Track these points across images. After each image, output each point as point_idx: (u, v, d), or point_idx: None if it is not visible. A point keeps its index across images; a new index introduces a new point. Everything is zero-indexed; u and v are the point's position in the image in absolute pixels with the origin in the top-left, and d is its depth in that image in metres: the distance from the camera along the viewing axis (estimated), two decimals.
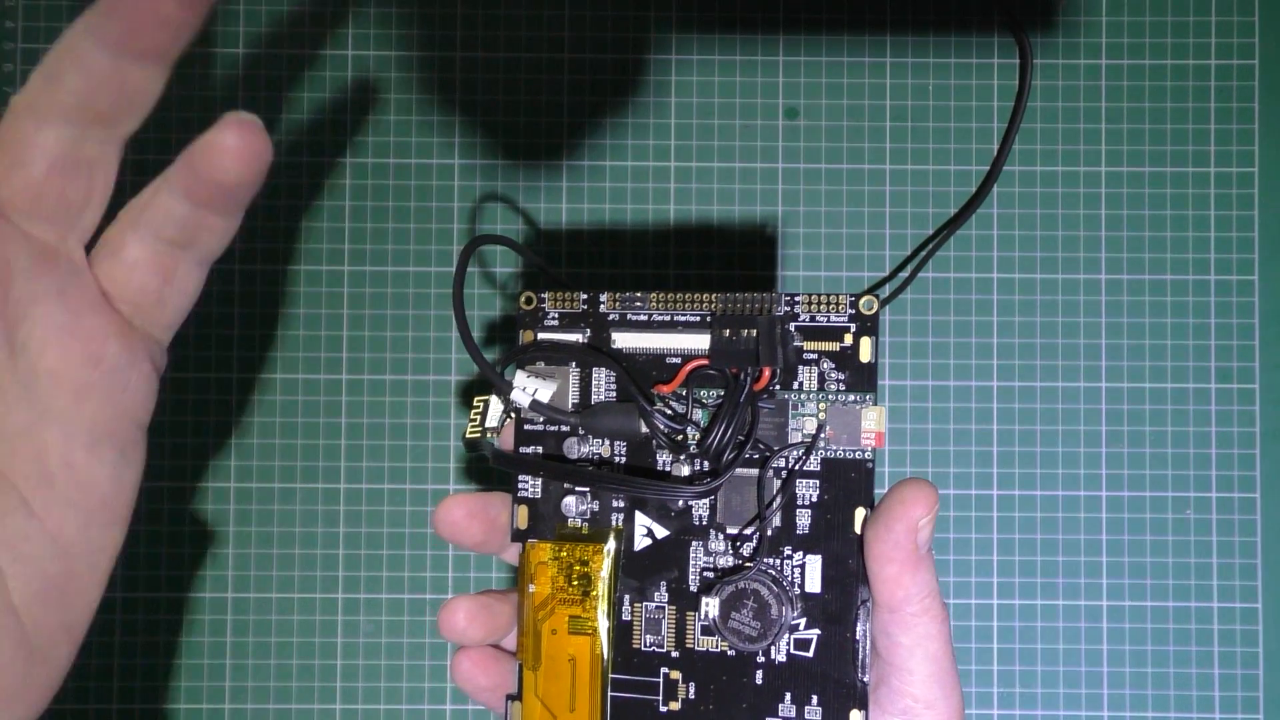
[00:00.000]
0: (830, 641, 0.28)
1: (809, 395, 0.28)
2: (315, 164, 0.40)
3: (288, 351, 0.40)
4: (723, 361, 0.28)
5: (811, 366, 0.28)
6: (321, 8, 0.40)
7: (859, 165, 0.40)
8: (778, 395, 0.28)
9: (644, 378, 0.29)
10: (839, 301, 0.28)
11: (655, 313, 0.29)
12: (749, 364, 0.28)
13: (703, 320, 0.29)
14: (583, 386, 0.29)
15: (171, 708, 0.39)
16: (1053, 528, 0.39)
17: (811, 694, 0.27)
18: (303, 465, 0.40)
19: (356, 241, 0.40)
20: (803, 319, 0.28)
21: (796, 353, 0.28)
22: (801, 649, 0.28)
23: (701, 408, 0.29)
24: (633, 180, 0.40)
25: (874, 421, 0.28)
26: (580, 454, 0.29)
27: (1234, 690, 0.39)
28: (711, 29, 0.40)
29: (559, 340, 0.30)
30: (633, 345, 0.29)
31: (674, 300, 0.29)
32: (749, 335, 0.28)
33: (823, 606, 0.28)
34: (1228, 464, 0.39)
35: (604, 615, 0.28)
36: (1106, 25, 0.40)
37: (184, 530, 0.40)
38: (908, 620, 0.27)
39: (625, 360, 0.29)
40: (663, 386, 0.29)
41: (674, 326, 0.29)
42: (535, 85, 0.40)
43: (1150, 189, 0.39)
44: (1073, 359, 0.39)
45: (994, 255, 0.40)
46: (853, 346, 0.28)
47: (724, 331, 0.28)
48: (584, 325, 0.30)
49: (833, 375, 0.28)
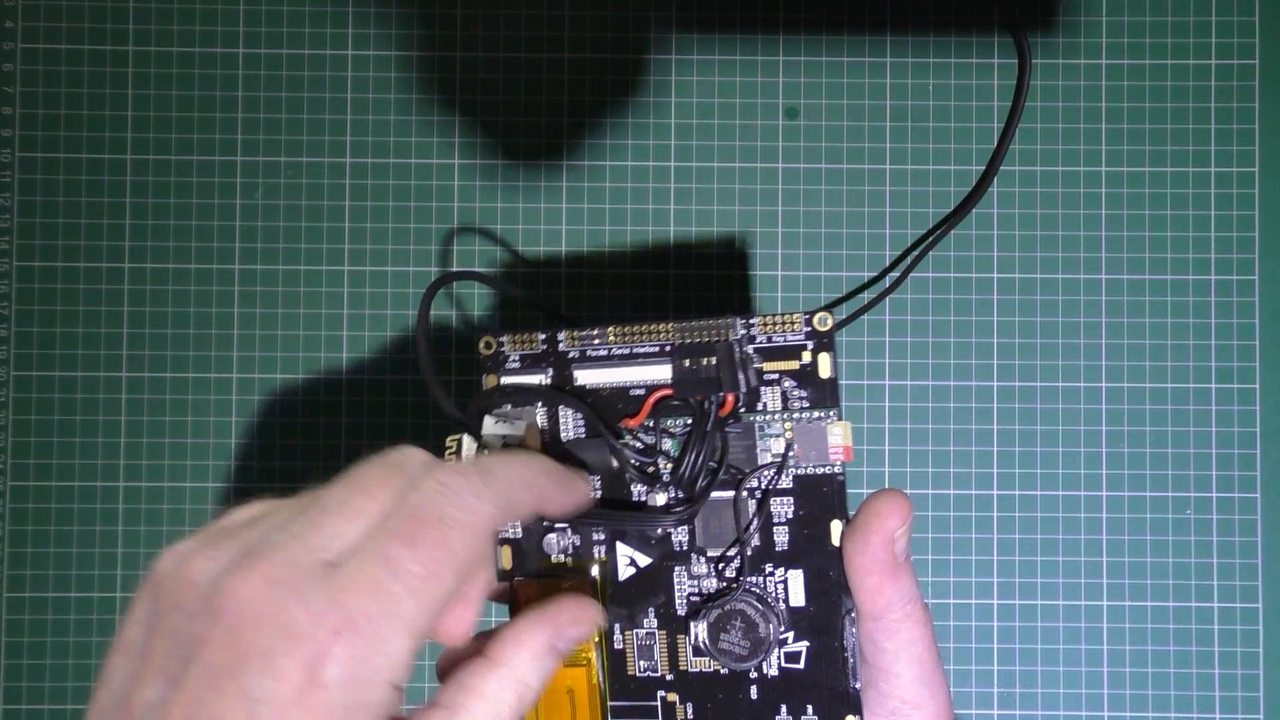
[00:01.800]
0: (819, 652, 0.28)
1: (774, 416, 0.29)
2: (315, 164, 0.40)
3: (288, 351, 0.40)
4: (686, 391, 0.28)
5: (774, 387, 0.29)
6: (321, 8, 0.40)
7: (859, 165, 0.40)
8: (744, 418, 0.29)
9: (611, 412, 0.29)
10: (794, 320, 0.28)
11: (614, 347, 0.29)
12: (712, 391, 0.28)
13: (662, 350, 0.29)
14: (551, 426, 0.30)
15: None
16: (1053, 528, 0.39)
17: (806, 704, 0.28)
18: (302, 465, 0.40)
19: (356, 241, 0.40)
20: (760, 341, 0.29)
21: (758, 374, 0.29)
22: (793, 661, 0.28)
23: (670, 437, 0.29)
24: (633, 180, 0.40)
25: (840, 436, 0.28)
26: None
27: (1234, 690, 0.39)
28: (711, 29, 0.40)
29: (521, 384, 0.30)
30: (595, 381, 0.30)
31: (631, 333, 0.29)
32: (709, 363, 0.28)
33: (809, 619, 0.28)
34: (1228, 464, 0.39)
35: (597, 645, 0.29)
36: (1106, 25, 0.40)
37: (184, 531, 0.40)
38: (891, 626, 0.27)
39: (590, 396, 0.30)
40: (629, 420, 0.29)
41: (634, 359, 0.29)
42: (535, 85, 0.40)
43: (1150, 189, 0.39)
44: (1073, 359, 0.39)
45: (994, 255, 0.40)
46: (812, 364, 0.28)
47: (684, 361, 0.28)
48: (545, 365, 0.30)
49: (795, 394, 0.28)
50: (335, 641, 0.21)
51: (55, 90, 0.40)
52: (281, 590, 0.21)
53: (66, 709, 0.39)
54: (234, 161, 0.40)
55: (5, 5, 0.40)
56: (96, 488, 0.40)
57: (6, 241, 0.40)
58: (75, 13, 0.40)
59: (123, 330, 0.40)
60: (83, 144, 0.40)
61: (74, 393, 0.40)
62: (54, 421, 0.40)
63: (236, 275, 0.40)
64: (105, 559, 0.39)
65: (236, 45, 0.40)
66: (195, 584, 0.22)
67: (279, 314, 0.40)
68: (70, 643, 0.39)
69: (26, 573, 0.39)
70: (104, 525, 0.39)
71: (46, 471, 0.40)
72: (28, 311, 0.40)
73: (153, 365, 0.40)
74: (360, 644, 0.21)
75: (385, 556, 0.22)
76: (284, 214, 0.40)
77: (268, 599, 0.21)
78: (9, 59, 0.40)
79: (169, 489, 0.40)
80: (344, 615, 0.21)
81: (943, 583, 0.39)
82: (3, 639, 0.39)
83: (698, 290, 0.40)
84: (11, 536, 0.39)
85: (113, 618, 0.39)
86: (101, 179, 0.40)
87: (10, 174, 0.40)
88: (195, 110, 0.40)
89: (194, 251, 0.40)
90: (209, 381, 0.40)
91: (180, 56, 0.40)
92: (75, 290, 0.40)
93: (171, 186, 0.40)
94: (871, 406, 0.39)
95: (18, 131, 0.40)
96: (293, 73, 0.40)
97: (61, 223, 0.40)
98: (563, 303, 0.40)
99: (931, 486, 0.39)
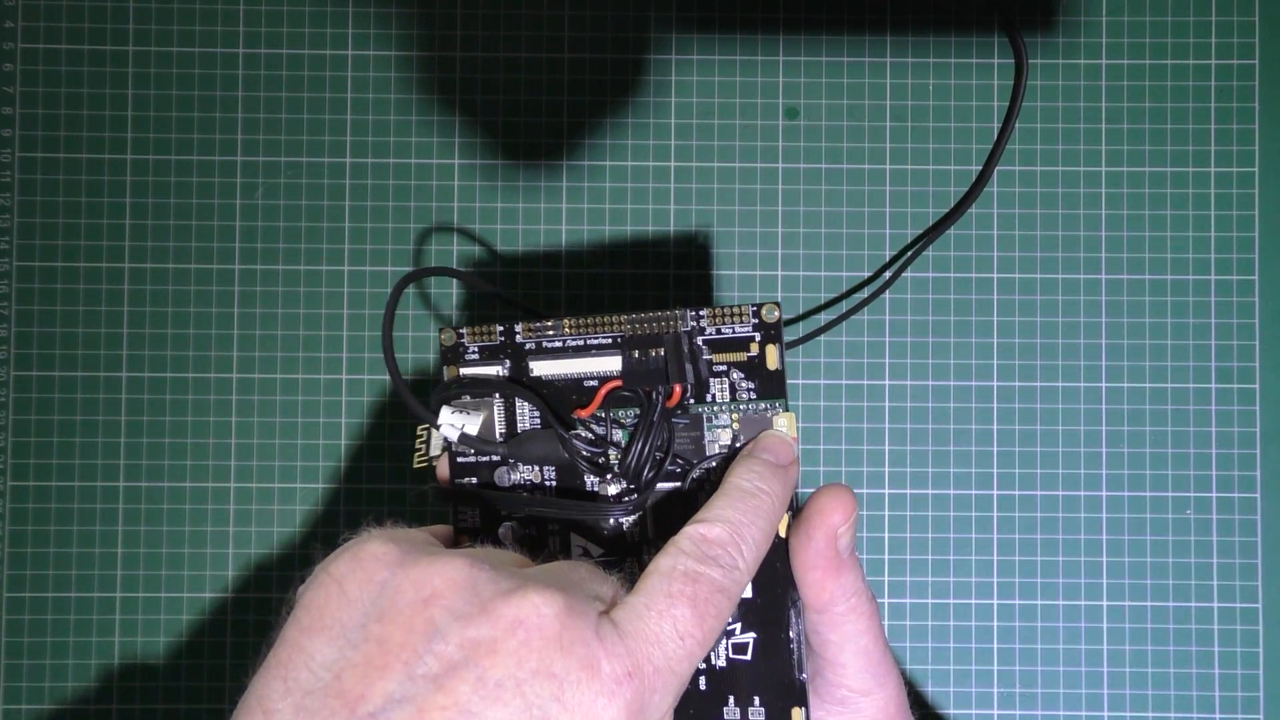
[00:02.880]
0: (766, 643, 0.28)
1: (722, 407, 0.29)
2: (315, 164, 0.40)
3: (288, 351, 0.40)
4: (636, 382, 0.29)
5: (722, 378, 0.29)
6: (321, 8, 0.40)
7: (859, 165, 0.40)
8: (691, 410, 0.29)
9: (564, 402, 0.30)
10: (742, 312, 0.28)
11: (569, 338, 0.30)
12: (659, 382, 0.28)
13: (614, 342, 0.29)
14: (508, 416, 0.30)
15: (171, 708, 0.39)
16: (1053, 528, 0.39)
17: (754, 695, 0.28)
18: (302, 465, 0.40)
19: (356, 241, 0.40)
20: (709, 332, 0.29)
21: (707, 366, 0.29)
22: (740, 653, 0.28)
23: (621, 428, 0.29)
24: (633, 180, 0.40)
25: (785, 427, 0.28)
26: (511, 481, 0.30)
27: (1234, 690, 0.39)
28: (711, 29, 0.40)
29: (479, 375, 0.30)
30: (550, 372, 0.30)
31: (585, 325, 0.29)
32: (657, 355, 0.28)
33: (756, 611, 0.28)
34: (1228, 464, 0.39)
35: None
36: (1106, 25, 0.40)
37: (184, 530, 0.40)
38: (835, 619, 0.27)
39: (545, 387, 0.30)
40: (581, 411, 0.29)
41: (587, 350, 0.30)
42: (535, 85, 0.40)
43: (1150, 189, 0.39)
44: (1073, 359, 0.39)
45: (994, 255, 0.40)
46: (759, 355, 0.28)
47: (633, 353, 0.29)
48: (503, 356, 0.30)
49: (743, 385, 0.29)
50: (623, 686, 0.21)
51: (55, 90, 0.40)
52: (580, 621, 0.21)
53: (66, 709, 0.39)
54: (234, 161, 0.40)
55: (5, 5, 0.40)
56: (96, 488, 0.40)
57: (6, 241, 0.40)
58: (75, 13, 0.40)
59: (123, 330, 0.40)
60: (83, 144, 0.40)
61: (74, 393, 0.40)
62: (54, 421, 0.40)
63: (236, 275, 0.40)
64: (105, 559, 0.39)
65: (236, 45, 0.40)
66: (470, 588, 0.22)
67: (279, 314, 0.40)
68: (70, 643, 0.39)
69: (26, 573, 0.39)
70: (104, 525, 0.40)
71: (46, 471, 0.40)
72: (28, 311, 0.40)
73: (153, 365, 0.40)
74: (643, 694, 0.22)
75: (674, 617, 0.23)
76: (284, 214, 0.40)
77: (567, 625, 0.21)
78: (9, 59, 0.40)
79: (169, 489, 0.40)
80: (634, 663, 0.22)
81: (943, 583, 0.39)
82: (3, 639, 0.39)
83: (697, 290, 0.40)
84: (11, 536, 0.39)
85: (113, 618, 0.39)
86: (101, 179, 0.40)
87: (10, 174, 0.40)
88: (195, 110, 0.40)
89: (194, 251, 0.40)
90: (209, 381, 0.40)
91: (180, 56, 0.40)
92: (75, 290, 0.40)
93: (171, 186, 0.40)
94: (871, 406, 0.39)
95: (18, 131, 0.40)
96: (293, 73, 0.40)
97: (61, 223, 0.40)
98: (563, 304, 0.40)
99: (931, 486, 0.39)
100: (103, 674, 0.39)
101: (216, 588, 0.40)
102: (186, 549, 0.40)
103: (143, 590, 0.39)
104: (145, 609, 0.39)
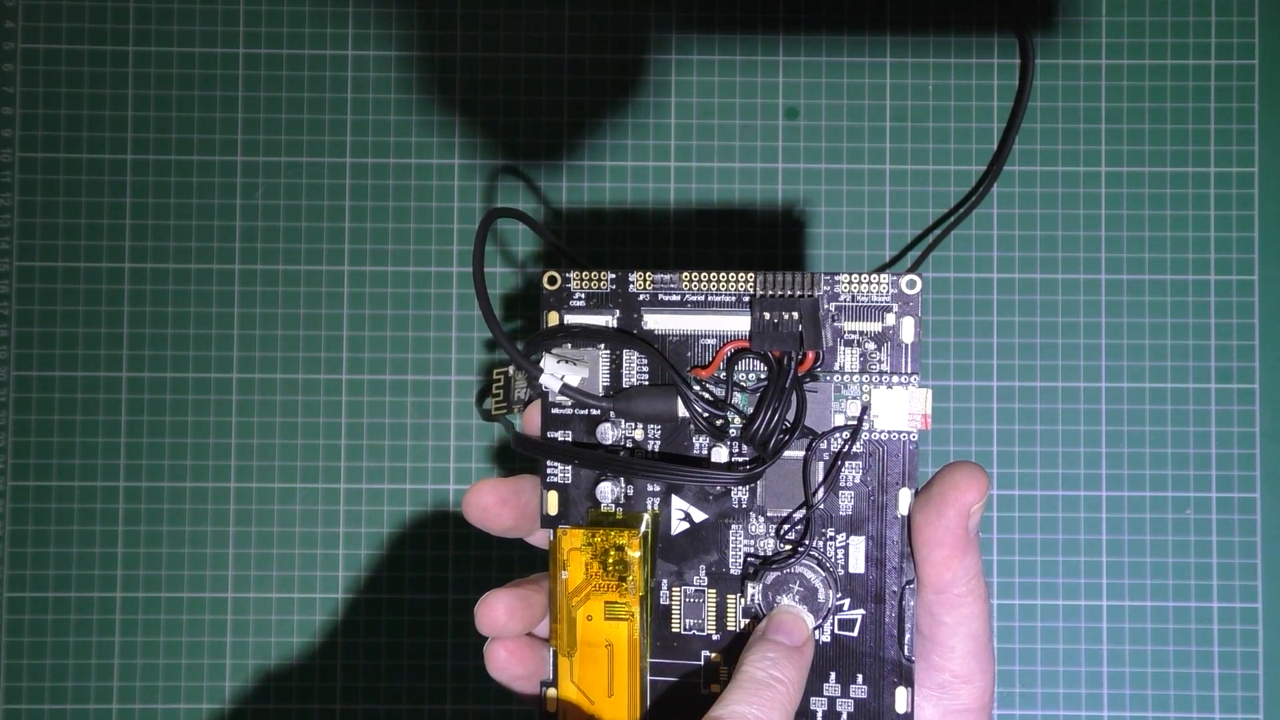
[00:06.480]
0: (874, 621, 0.27)
1: (852, 377, 0.28)
2: (315, 164, 0.40)
3: (288, 351, 0.40)
4: (765, 344, 0.27)
5: (853, 348, 0.28)
6: (321, 8, 0.40)
7: (859, 165, 0.40)
8: (820, 378, 0.28)
9: (678, 360, 0.28)
10: (881, 282, 0.28)
11: (689, 293, 0.28)
12: (793, 347, 0.27)
13: (739, 301, 0.28)
14: (613, 369, 0.29)
15: (171, 708, 0.39)
16: (1053, 528, 0.39)
17: (857, 673, 0.27)
18: (303, 465, 0.40)
19: (356, 241, 0.40)
20: (843, 299, 0.28)
21: (837, 334, 0.28)
22: (846, 629, 0.28)
23: (741, 391, 0.28)
24: (633, 180, 0.40)
25: (920, 403, 0.27)
26: (613, 439, 0.29)
27: (1234, 690, 0.39)
28: (711, 29, 0.40)
29: (589, 324, 0.29)
30: (664, 327, 0.28)
31: (708, 280, 0.28)
32: (791, 318, 0.27)
33: (866, 587, 0.27)
34: (1228, 464, 0.39)
35: (642, 599, 0.28)
36: (1106, 25, 0.40)
37: (184, 530, 0.40)
38: (953, 600, 0.27)
39: (657, 343, 0.28)
40: (700, 370, 0.28)
41: (708, 307, 0.28)
42: (535, 85, 0.40)
43: (1150, 189, 0.39)
44: (1073, 359, 0.39)
45: (994, 255, 0.40)
46: (895, 327, 0.28)
47: (764, 314, 0.27)
48: (612, 306, 0.29)
49: (875, 356, 0.28)
50: None
51: (55, 90, 0.40)
52: None
53: (66, 709, 0.39)
54: (234, 161, 0.40)
55: (5, 5, 0.40)
56: (96, 488, 0.40)
57: (6, 241, 0.40)
58: (75, 13, 0.40)
59: (123, 330, 0.40)
60: (83, 144, 0.40)
61: (74, 393, 0.40)
62: (54, 421, 0.40)
63: (236, 275, 0.40)
64: (105, 559, 0.39)
65: (236, 45, 0.40)
66: None
67: (279, 314, 0.40)
68: (70, 643, 0.39)
69: (26, 573, 0.39)
70: (104, 525, 0.39)
71: (46, 471, 0.40)
72: (28, 311, 0.40)
73: (153, 365, 0.40)
74: None
75: None
76: (284, 214, 0.40)
77: None
78: (9, 59, 0.40)
79: (169, 489, 0.40)
80: None
81: None
82: (3, 639, 0.39)
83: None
84: (11, 536, 0.39)
85: (113, 618, 0.39)
86: (101, 179, 0.40)
87: (10, 174, 0.40)
88: (195, 110, 0.40)
89: (194, 251, 0.40)
90: (209, 381, 0.40)
91: (180, 56, 0.40)
92: (75, 290, 0.40)
93: (171, 186, 0.40)
94: None
95: (18, 131, 0.40)
96: (293, 73, 0.40)
97: (61, 223, 0.40)
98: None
99: None
100: (103, 674, 0.39)
101: (216, 588, 0.40)
102: (186, 549, 0.40)
103: (143, 590, 0.39)
104: (145, 609, 0.39)
